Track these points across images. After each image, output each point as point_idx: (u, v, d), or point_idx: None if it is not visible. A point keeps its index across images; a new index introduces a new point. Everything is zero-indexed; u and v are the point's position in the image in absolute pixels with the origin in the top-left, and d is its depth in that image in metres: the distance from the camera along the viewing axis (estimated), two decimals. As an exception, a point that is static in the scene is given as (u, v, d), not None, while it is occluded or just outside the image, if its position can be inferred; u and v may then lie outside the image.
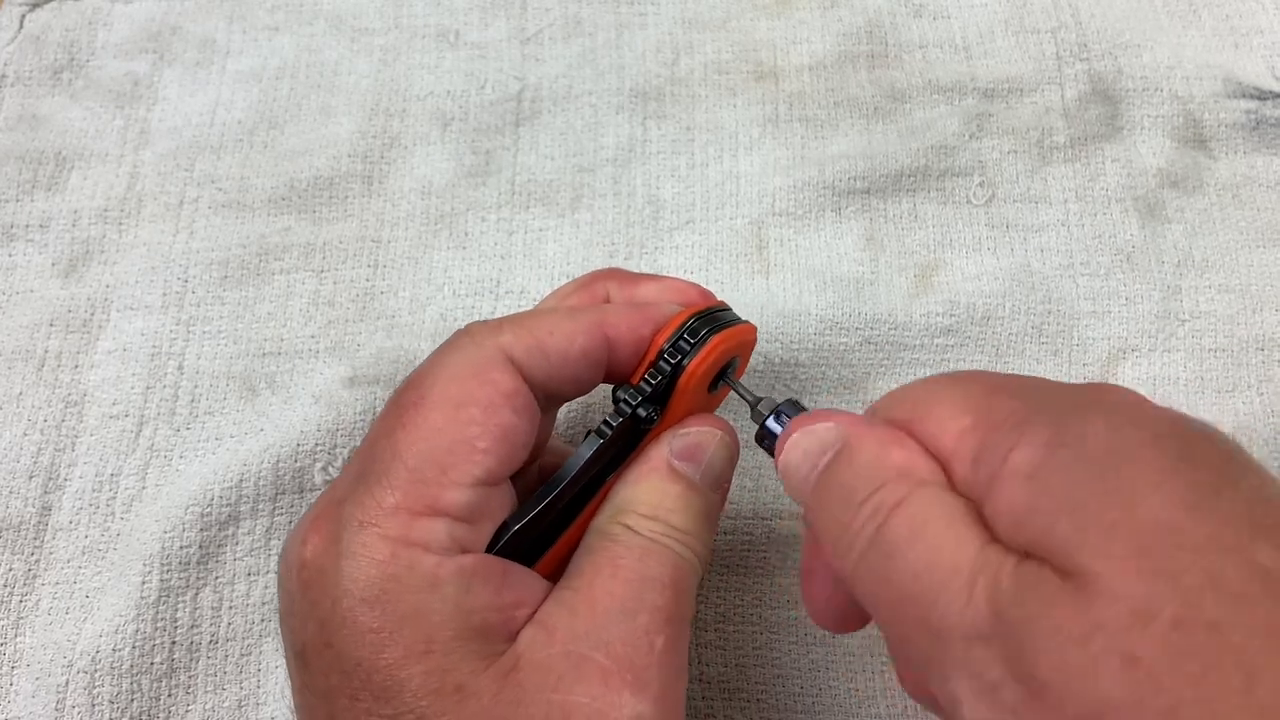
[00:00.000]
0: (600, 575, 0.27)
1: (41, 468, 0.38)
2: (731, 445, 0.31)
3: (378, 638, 0.25)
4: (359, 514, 0.26)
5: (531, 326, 0.29)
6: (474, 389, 0.27)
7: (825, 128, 0.46)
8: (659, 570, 0.27)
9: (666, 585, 0.27)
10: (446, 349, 0.29)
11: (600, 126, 0.46)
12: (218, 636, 0.36)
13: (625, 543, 0.28)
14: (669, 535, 0.28)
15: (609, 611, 0.26)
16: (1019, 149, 0.45)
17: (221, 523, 0.37)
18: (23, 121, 0.45)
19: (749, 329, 0.31)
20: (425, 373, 0.28)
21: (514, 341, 0.29)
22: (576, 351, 0.29)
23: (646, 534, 0.28)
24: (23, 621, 0.36)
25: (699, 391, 0.30)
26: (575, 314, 0.30)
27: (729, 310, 0.31)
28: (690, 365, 0.29)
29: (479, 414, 0.27)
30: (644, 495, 0.29)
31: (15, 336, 0.41)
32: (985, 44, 0.47)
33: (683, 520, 0.29)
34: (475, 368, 0.28)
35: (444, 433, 0.27)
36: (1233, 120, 0.46)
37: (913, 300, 0.42)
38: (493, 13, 0.48)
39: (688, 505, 0.29)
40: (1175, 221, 0.44)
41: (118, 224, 0.43)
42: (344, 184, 0.44)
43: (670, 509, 0.29)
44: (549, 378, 0.29)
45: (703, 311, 0.30)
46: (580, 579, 0.27)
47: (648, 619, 0.26)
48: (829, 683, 0.37)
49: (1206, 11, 0.48)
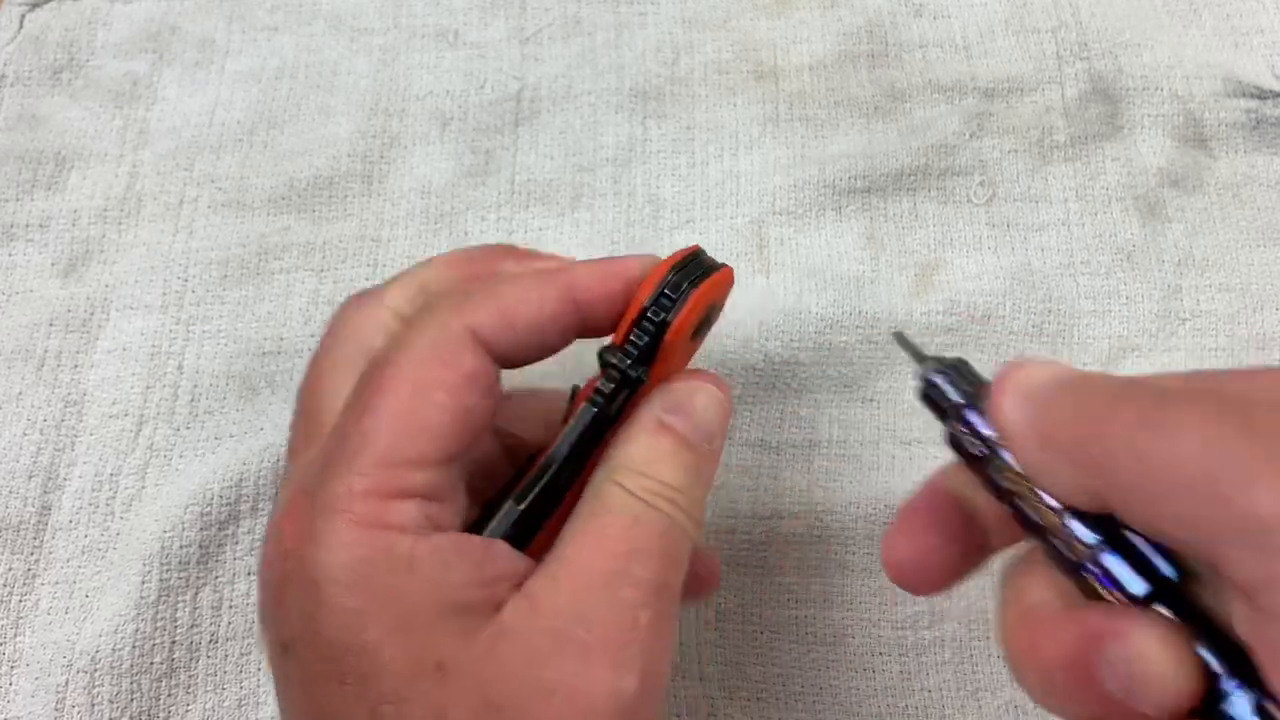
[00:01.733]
0: (586, 544, 0.26)
1: (41, 467, 0.38)
2: (721, 398, 0.30)
3: (359, 619, 0.25)
4: (330, 501, 0.26)
5: (499, 296, 0.29)
6: (437, 372, 0.27)
7: (825, 127, 0.46)
8: (647, 539, 0.26)
9: (654, 555, 0.26)
10: (411, 330, 0.29)
11: (600, 126, 0.46)
12: (218, 636, 0.36)
13: (615, 507, 0.27)
14: (660, 494, 0.27)
15: (593, 585, 0.25)
16: (1019, 148, 0.45)
17: (221, 522, 0.37)
18: (22, 121, 0.45)
19: (727, 274, 0.30)
20: (390, 357, 0.28)
21: (482, 320, 0.28)
22: (547, 319, 0.29)
23: (638, 493, 0.27)
24: (22, 621, 0.36)
25: (684, 344, 0.30)
26: (542, 278, 0.30)
27: (701, 254, 0.30)
28: (676, 321, 0.29)
29: (443, 397, 0.27)
30: (635, 452, 0.28)
31: (15, 336, 0.41)
32: (985, 43, 0.47)
33: (673, 475, 0.28)
34: (438, 350, 0.28)
35: (408, 416, 0.27)
36: (1233, 119, 0.46)
37: (913, 299, 0.42)
38: (492, 12, 0.48)
39: (678, 460, 0.28)
40: (1175, 221, 0.44)
41: (117, 224, 0.43)
42: (343, 183, 0.44)
43: (661, 464, 0.28)
44: (517, 348, 0.29)
45: (679, 263, 0.30)
46: (569, 547, 0.27)
47: (632, 593, 0.25)
48: (830, 682, 0.37)
49: (1207, 10, 0.48)
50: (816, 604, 0.38)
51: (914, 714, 0.37)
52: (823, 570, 0.39)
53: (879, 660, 0.37)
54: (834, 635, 0.38)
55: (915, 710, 0.37)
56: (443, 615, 0.25)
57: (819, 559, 0.39)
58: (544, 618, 0.25)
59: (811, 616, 0.38)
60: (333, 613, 0.25)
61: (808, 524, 0.39)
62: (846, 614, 0.38)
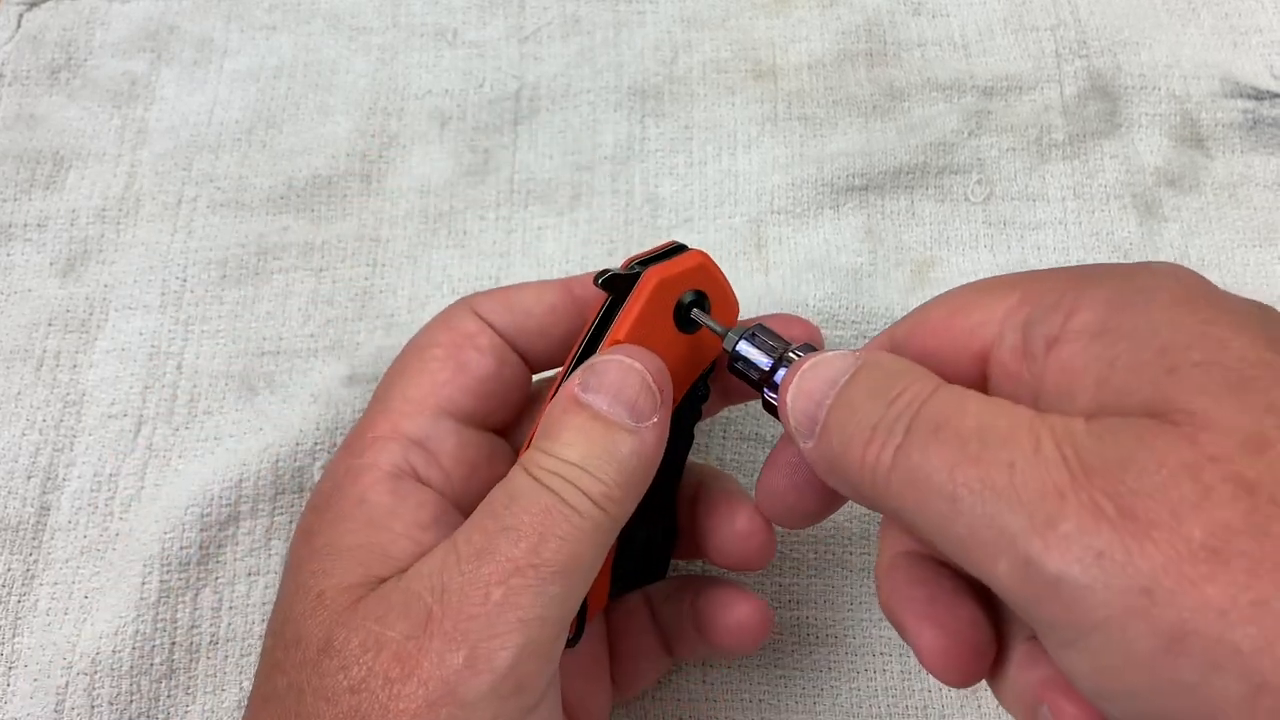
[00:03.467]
0: (473, 522, 0.26)
1: (40, 467, 0.38)
2: (642, 370, 0.28)
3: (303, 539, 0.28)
4: (344, 446, 0.30)
5: (504, 289, 0.33)
6: (437, 333, 0.31)
7: (824, 126, 0.46)
8: (521, 518, 0.26)
9: (525, 534, 0.25)
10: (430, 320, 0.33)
11: (599, 125, 0.46)
12: (218, 637, 0.36)
13: (507, 486, 0.27)
14: (555, 472, 0.26)
15: (458, 559, 0.25)
16: (1017, 146, 0.45)
17: (221, 523, 0.37)
18: (20, 121, 0.45)
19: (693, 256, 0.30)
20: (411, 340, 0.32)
21: (484, 300, 0.32)
22: (544, 307, 0.32)
23: (533, 471, 0.26)
24: (20, 622, 0.36)
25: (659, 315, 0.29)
26: (545, 281, 0.33)
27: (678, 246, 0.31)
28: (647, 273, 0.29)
29: (440, 352, 0.31)
30: (545, 426, 0.27)
31: (13, 336, 0.41)
32: (984, 42, 0.47)
33: (578, 454, 0.26)
34: (442, 319, 0.32)
35: (410, 370, 0.31)
36: (1230, 120, 0.46)
37: (909, 295, 0.42)
38: (491, 11, 0.48)
39: (588, 438, 0.27)
40: (1172, 220, 0.44)
41: (116, 223, 0.43)
42: (342, 183, 0.44)
43: (566, 442, 0.27)
44: (518, 330, 0.31)
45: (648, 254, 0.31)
46: (460, 528, 0.27)
47: (492, 569, 0.25)
48: (830, 683, 0.37)
49: (1206, 9, 0.48)
50: (816, 604, 0.38)
51: (914, 714, 0.37)
52: (821, 570, 0.39)
53: (879, 660, 0.37)
54: (834, 636, 0.38)
55: (915, 710, 0.37)
56: (359, 547, 0.27)
57: (817, 558, 0.39)
58: (408, 580, 0.26)
59: (811, 617, 0.38)
60: (298, 533, 0.29)
61: (806, 523, 0.39)
62: (846, 614, 0.38)
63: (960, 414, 0.21)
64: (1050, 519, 0.19)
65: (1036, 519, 0.19)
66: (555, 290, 0.32)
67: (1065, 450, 0.19)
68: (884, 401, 0.23)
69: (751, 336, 0.28)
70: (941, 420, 0.21)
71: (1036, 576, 0.19)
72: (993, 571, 0.20)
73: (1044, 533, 0.19)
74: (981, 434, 0.20)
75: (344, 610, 0.26)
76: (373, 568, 0.27)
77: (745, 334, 0.29)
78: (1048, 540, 0.18)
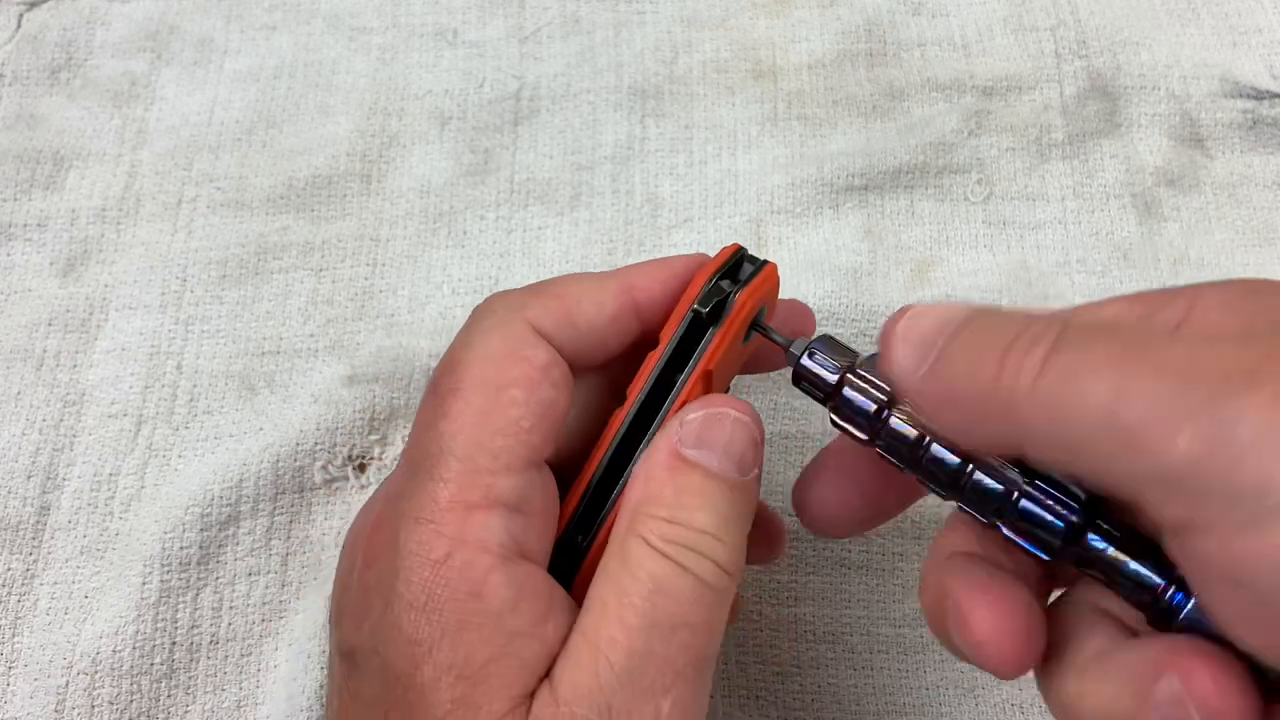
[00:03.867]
0: (606, 618, 0.24)
1: (40, 467, 0.38)
2: (750, 423, 0.27)
3: (416, 651, 0.24)
4: (414, 510, 0.25)
5: (559, 295, 0.28)
6: (510, 368, 0.26)
7: (824, 126, 0.46)
8: (671, 609, 0.24)
9: (678, 628, 0.24)
10: (474, 330, 0.28)
11: (599, 125, 0.46)
12: (218, 637, 0.36)
13: (636, 569, 0.25)
14: (688, 544, 0.25)
15: (611, 667, 0.23)
16: (1017, 146, 0.45)
17: (222, 523, 0.37)
18: (20, 121, 0.45)
19: (771, 270, 0.29)
20: (458, 357, 0.27)
21: (542, 315, 0.27)
22: (606, 319, 0.28)
23: (661, 546, 0.25)
24: (20, 621, 0.36)
25: (737, 341, 0.28)
26: (601, 279, 0.29)
27: (744, 253, 0.29)
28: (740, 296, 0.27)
29: (520, 394, 0.26)
30: (656, 492, 0.25)
31: (13, 336, 0.41)
32: (984, 41, 0.47)
33: (705, 519, 0.25)
34: (508, 346, 0.27)
35: (488, 417, 0.26)
36: (1230, 120, 0.46)
37: (909, 294, 0.42)
38: (491, 11, 0.48)
39: (707, 500, 0.25)
40: (1171, 220, 0.44)
41: (116, 223, 0.43)
42: (342, 183, 0.44)
43: (688, 506, 0.25)
44: (579, 348, 0.28)
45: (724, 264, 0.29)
46: (589, 617, 0.25)
47: (654, 677, 0.23)
48: (828, 680, 0.37)
49: (1206, 9, 0.48)
50: (814, 601, 0.38)
51: (912, 712, 0.37)
52: (820, 567, 0.39)
53: (878, 658, 0.37)
54: (832, 633, 0.38)
55: (913, 708, 0.37)
56: (495, 662, 0.24)
57: (815, 556, 0.39)
58: (564, 703, 0.23)
59: (809, 614, 0.38)
60: (394, 635, 0.24)
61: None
62: (845, 611, 0.38)
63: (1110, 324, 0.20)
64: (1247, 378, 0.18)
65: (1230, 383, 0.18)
66: (615, 297, 0.28)
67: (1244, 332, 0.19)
68: (1021, 320, 0.21)
69: (816, 352, 0.27)
70: (1095, 324, 0.20)
71: (1230, 441, 0.17)
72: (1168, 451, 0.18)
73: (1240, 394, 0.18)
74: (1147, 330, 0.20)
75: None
76: (514, 686, 0.24)
77: (810, 348, 0.27)
78: (1245, 401, 0.17)
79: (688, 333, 0.28)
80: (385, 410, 0.39)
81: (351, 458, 0.39)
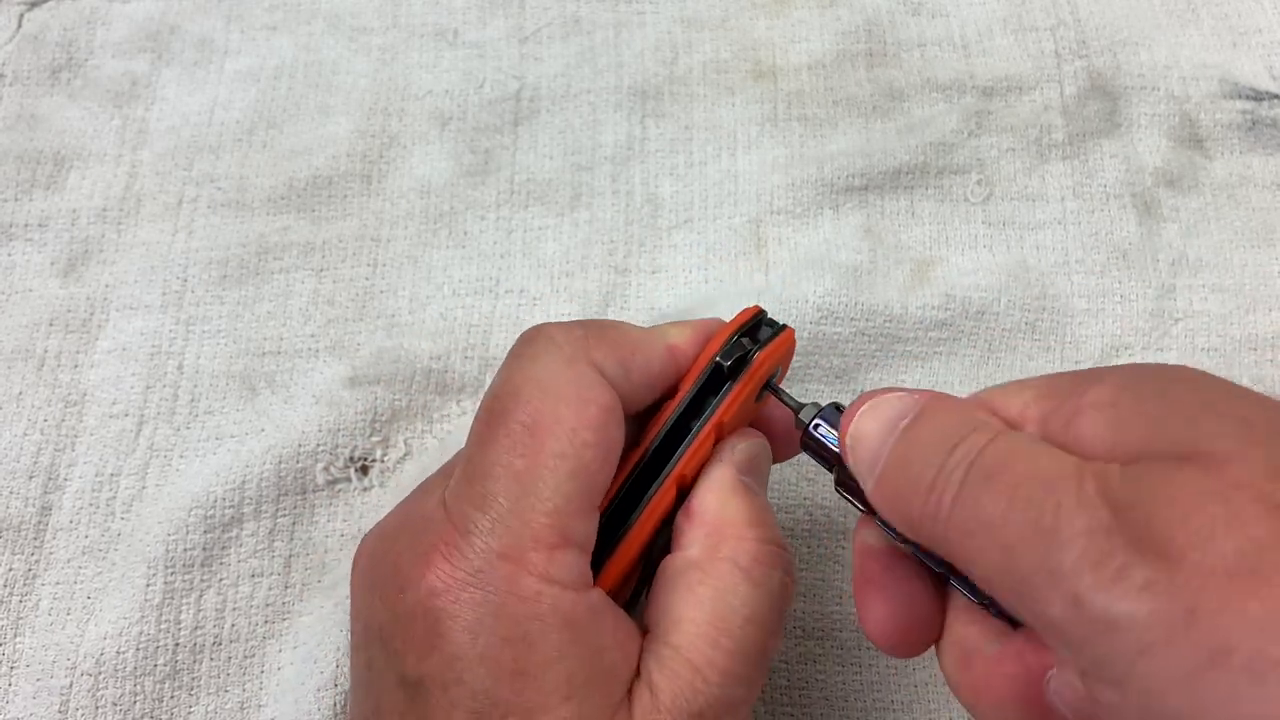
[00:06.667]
0: (701, 639, 0.27)
1: (41, 467, 0.38)
2: (770, 452, 0.31)
3: (522, 680, 0.25)
4: (498, 547, 0.26)
5: (616, 343, 0.29)
6: (582, 411, 0.27)
7: (824, 126, 0.46)
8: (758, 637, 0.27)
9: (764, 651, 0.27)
10: (536, 361, 0.28)
11: (599, 125, 0.46)
12: (221, 638, 0.36)
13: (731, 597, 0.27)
14: (768, 560, 0.28)
15: (708, 684, 0.26)
16: (1017, 146, 0.45)
17: (225, 524, 0.37)
18: (21, 121, 0.45)
19: (788, 335, 0.31)
20: (525, 392, 0.28)
21: (605, 359, 0.28)
22: (655, 371, 0.30)
23: (746, 564, 0.28)
24: (22, 622, 0.36)
25: (750, 398, 0.30)
26: (650, 334, 0.30)
27: (763, 315, 0.31)
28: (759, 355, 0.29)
29: (592, 437, 0.27)
30: (734, 516, 0.29)
31: (14, 336, 0.41)
32: (984, 42, 0.48)
33: (773, 532, 0.29)
34: (577, 386, 0.27)
35: (566, 460, 0.26)
36: (1229, 120, 0.46)
37: (908, 293, 0.42)
38: (491, 11, 0.48)
39: (767, 517, 0.29)
40: (1171, 220, 0.44)
41: (116, 223, 0.43)
42: (343, 183, 0.44)
43: (763, 524, 0.29)
44: (627, 395, 0.29)
45: (743, 325, 0.30)
46: (680, 635, 0.27)
47: (740, 693, 0.27)
48: (817, 676, 0.37)
49: (1205, 10, 0.48)
50: (806, 598, 0.38)
51: (901, 709, 0.37)
52: (811, 564, 0.39)
53: (867, 655, 0.38)
54: (823, 629, 0.38)
55: (902, 705, 0.37)
56: (595, 680, 0.26)
57: (808, 552, 0.39)
58: (665, 713, 0.26)
59: (801, 610, 0.38)
60: (488, 665, 0.25)
61: (796, 517, 0.39)
62: (836, 608, 0.38)
63: (1012, 461, 0.22)
64: (1097, 556, 0.19)
65: (1084, 557, 0.19)
66: (662, 354, 0.30)
67: (1108, 493, 0.20)
68: (944, 450, 0.23)
69: (824, 418, 0.28)
70: (995, 469, 0.22)
71: (1087, 613, 0.19)
72: (1048, 614, 0.20)
73: (1093, 570, 0.19)
74: (1031, 480, 0.21)
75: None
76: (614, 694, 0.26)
77: (819, 414, 0.28)
78: (1096, 577, 0.19)
79: (706, 384, 0.29)
80: (387, 412, 0.40)
81: (354, 459, 0.39)
